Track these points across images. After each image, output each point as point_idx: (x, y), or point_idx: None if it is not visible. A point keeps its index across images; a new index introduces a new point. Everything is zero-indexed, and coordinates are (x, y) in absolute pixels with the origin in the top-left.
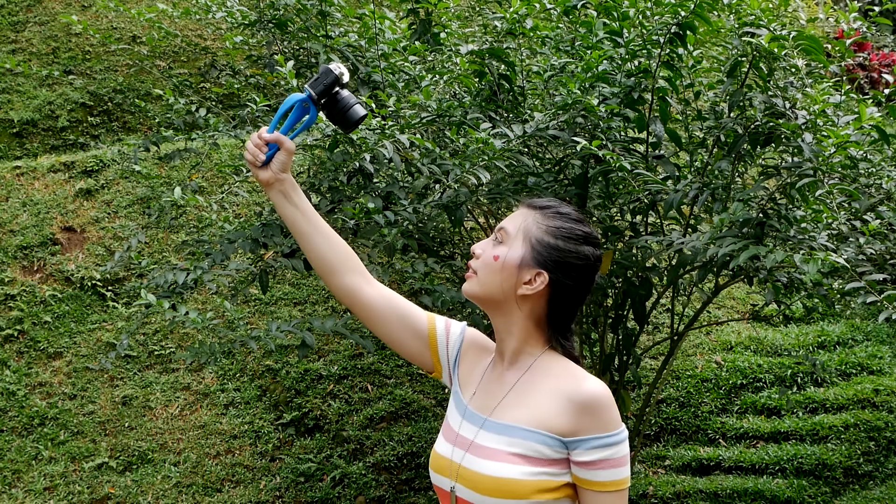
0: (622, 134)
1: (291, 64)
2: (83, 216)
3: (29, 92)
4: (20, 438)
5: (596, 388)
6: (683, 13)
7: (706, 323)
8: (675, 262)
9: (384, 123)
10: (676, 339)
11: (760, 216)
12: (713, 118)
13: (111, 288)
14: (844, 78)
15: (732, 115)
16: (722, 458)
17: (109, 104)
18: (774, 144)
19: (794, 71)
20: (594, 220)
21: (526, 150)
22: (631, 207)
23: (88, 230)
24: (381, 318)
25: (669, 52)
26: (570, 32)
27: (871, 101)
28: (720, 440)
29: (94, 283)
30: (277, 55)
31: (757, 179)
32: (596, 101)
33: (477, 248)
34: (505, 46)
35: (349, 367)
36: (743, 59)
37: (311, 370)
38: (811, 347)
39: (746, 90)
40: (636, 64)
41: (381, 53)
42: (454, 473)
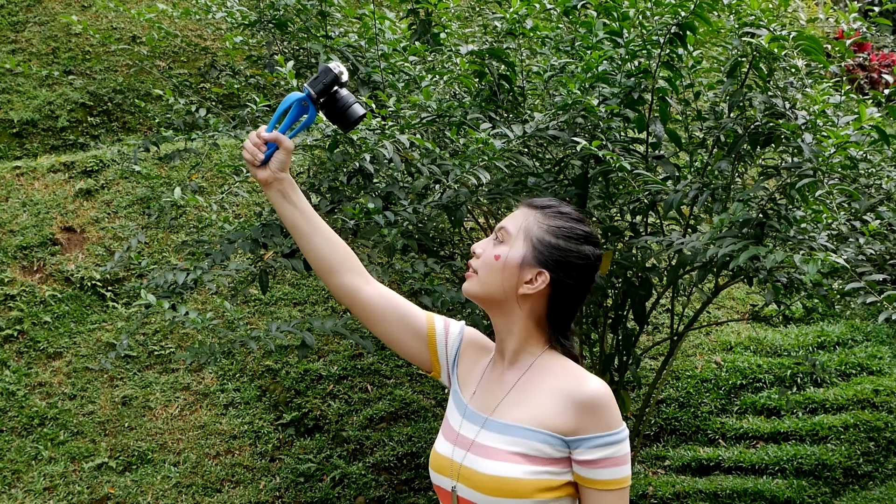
0: (622, 134)
1: (291, 64)
2: (83, 216)
3: (29, 92)
4: (20, 438)
5: (597, 387)
6: (683, 13)
7: (706, 323)
8: (674, 262)
9: (384, 124)
10: (676, 339)
11: (760, 216)
12: (713, 118)
13: (111, 288)
14: (844, 78)
15: (732, 115)
16: (722, 458)
17: (109, 104)
18: (774, 145)
19: (793, 71)
20: (594, 220)
21: (526, 150)
22: (631, 208)
23: (88, 230)
24: (380, 317)
25: (669, 52)
26: (570, 33)
27: (870, 101)
28: (720, 440)
29: (93, 283)
30: (277, 55)
31: (757, 180)
32: (596, 101)
33: (477, 247)
34: (505, 47)
35: (349, 367)
36: (743, 59)
37: (310, 370)
38: (811, 348)
39: (746, 90)
40: (636, 64)
41: (381, 54)
42: (455, 473)
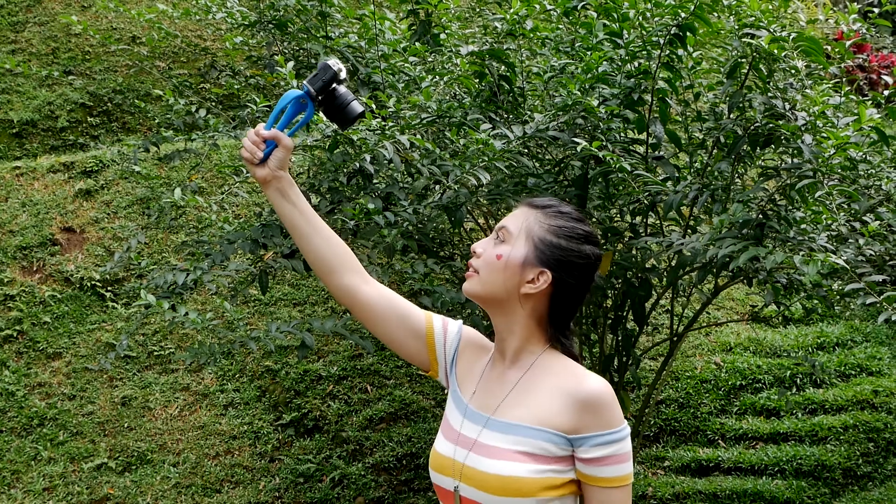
0: (622, 135)
1: (291, 65)
2: (83, 216)
3: (29, 92)
4: (19, 439)
5: (598, 385)
6: (683, 14)
7: (705, 324)
8: (674, 263)
9: (384, 124)
10: (676, 340)
11: (760, 217)
12: (713, 119)
13: (111, 288)
14: (844, 79)
15: (732, 116)
16: (721, 458)
17: (109, 104)
18: (774, 146)
19: (793, 72)
20: (594, 221)
21: (526, 151)
22: (631, 208)
23: (88, 231)
24: (379, 317)
25: (669, 53)
26: (570, 33)
27: (870, 102)
28: (719, 441)
29: (93, 283)
30: (277, 56)
31: (756, 181)
32: (596, 102)
33: (478, 246)
34: (505, 47)
35: (349, 367)
36: (743, 60)
37: (310, 371)
38: (810, 348)
39: (746, 91)
40: (636, 65)
41: (381, 54)
42: (457, 472)
